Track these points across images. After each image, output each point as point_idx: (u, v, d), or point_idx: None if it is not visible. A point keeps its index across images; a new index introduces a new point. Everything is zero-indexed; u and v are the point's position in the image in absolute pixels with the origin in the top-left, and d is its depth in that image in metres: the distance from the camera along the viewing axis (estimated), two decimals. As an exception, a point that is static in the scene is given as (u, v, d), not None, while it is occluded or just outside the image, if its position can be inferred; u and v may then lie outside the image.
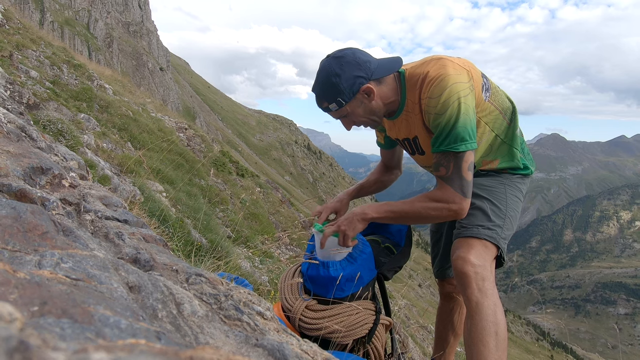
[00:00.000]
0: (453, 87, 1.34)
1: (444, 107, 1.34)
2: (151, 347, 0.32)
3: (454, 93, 1.33)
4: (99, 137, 4.77)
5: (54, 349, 0.30)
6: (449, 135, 1.36)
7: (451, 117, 1.34)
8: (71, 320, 0.37)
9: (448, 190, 1.39)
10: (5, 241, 0.56)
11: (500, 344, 1.32)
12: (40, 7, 39.95)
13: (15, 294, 0.39)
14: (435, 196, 1.42)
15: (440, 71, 1.37)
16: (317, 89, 1.46)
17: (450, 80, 1.34)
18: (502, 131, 1.54)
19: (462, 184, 1.37)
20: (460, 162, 1.37)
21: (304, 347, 0.83)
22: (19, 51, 6.03)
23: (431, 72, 1.38)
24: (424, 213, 1.43)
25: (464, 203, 1.39)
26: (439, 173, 1.41)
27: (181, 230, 3.15)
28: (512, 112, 1.55)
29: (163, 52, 58.51)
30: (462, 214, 1.41)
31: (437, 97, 1.35)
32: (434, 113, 1.37)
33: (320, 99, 1.46)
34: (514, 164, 1.60)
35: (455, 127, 1.34)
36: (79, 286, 0.49)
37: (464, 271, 1.37)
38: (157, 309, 0.59)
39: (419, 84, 1.42)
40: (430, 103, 1.38)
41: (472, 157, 1.39)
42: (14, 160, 0.88)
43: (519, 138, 1.59)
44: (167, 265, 0.84)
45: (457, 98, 1.33)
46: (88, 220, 0.91)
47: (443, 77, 1.35)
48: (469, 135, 1.36)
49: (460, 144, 1.35)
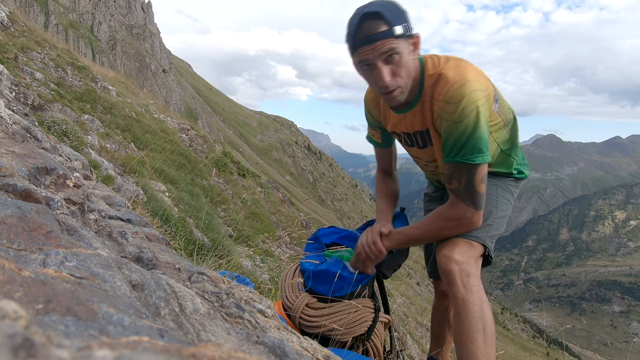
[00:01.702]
0: (472, 95, 1.25)
1: (462, 116, 1.26)
2: (154, 345, 0.32)
3: (472, 101, 1.25)
4: (102, 137, 4.77)
5: (59, 346, 0.30)
6: (465, 146, 1.28)
7: (468, 127, 1.26)
8: (75, 318, 0.37)
9: (459, 207, 1.34)
10: (10, 240, 0.56)
11: (488, 340, 1.31)
12: (45, 10, 39.97)
13: (21, 292, 0.39)
14: (447, 215, 1.38)
15: (460, 76, 1.28)
16: (377, 6, 1.22)
17: (471, 87, 1.26)
18: (503, 142, 1.50)
19: (473, 197, 1.32)
20: (473, 175, 1.30)
21: (304, 344, 0.83)
22: (24, 53, 6.03)
23: (450, 74, 1.29)
24: (437, 235, 1.44)
25: (475, 216, 1.35)
26: (451, 186, 1.35)
27: (183, 230, 3.15)
28: (513, 123, 1.51)
29: (166, 54, 58.52)
30: (475, 226, 1.38)
31: (456, 102, 1.26)
32: (450, 120, 1.29)
33: (380, 17, 1.21)
34: (508, 170, 1.58)
35: (471, 138, 1.27)
36: (83, 284, 0.49)
37: (448, 269, 1.35)
38: (159, 306, 0.59)
39: (434, 82, 1.32)
40: (446, 108, 1.29)
41: (486, 169, 1.32)
42: (19, 160, 0.88)
43: (517, 148, 1.56)
44: (169, 263, 0.84)
45: (476, 107, 1.25)
46: (92, 219, 0.91)
47: (464, 82, 1.26)
48: (485, 146, 1.28)
49: (477, 156, 1.28)
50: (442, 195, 1.78)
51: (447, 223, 1.38)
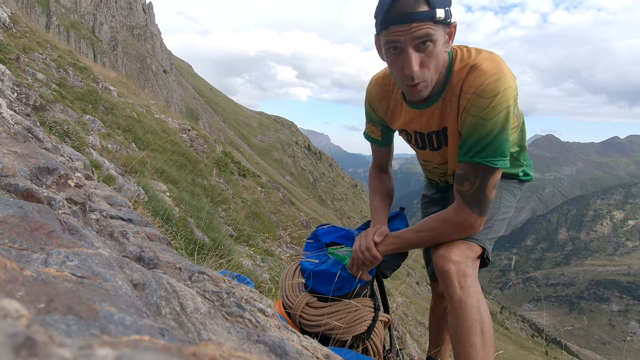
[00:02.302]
0: (506, 92, 1.15)
1: (492, 113, 1.15)
2: (155, 344, 0.32)
3: (505, 99, 1.15)
4: (104, 138, 4.77)
5: (60, 345, 0.30)
6: (489, 146, 1.19)
7: (496, 126, 1.16)
8: (77, 317, 0.37)
9: (465, 212, 1.28)
10: (12, 240, 0.56)
11: (487, 341, 1.26)
12: (47, 11, 39.96)
13: (22, 291, 0.39)
14: (451, 221, 1.32)
15: (496, 69, 1.16)
16: None
17: (506, 82, 1.15)
18: (514, 144, 1.45)
19: (481, 203, 1.26)
20: (488, 179, 1.22)
21: (304, 343, 0.83)
22: (25, 54, 6.03)
23: (485, 65, 1.17)
24: (437, 240, 1.38)
25: (477, 221, 1.29)
26: (462, 188, 1.26)
27: (184, 229, 3.15)
28: (522, 125, 1.45)
29: (167, 55, 58.50)
30: (476, 231, 1.33)
31: (489, 97, 1.15)
32: (477, 115, 1.17)
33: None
34: (514, 172, 1.54)
35: (497, 139, 1.18)
36: (84, 284, 0.49)
37: (445, 269, 1.30)
38: (160, 306, 0.59)
39: (465, 74, 1.20)
40: (477, 102, 1.17)
41: (499, 175, 1.25)
42: (21, 160, 0.88)
43: (526, 151, 1.52)
44: (170, 263, 0.84)
45: (507, 107, 1.15)
46: (93, 219, 0.91)
47: (499, 76, 1.15)
48: (508, 150, 1.20)
49: (499, 159, 1.19)
50: (443, 197, 1.75)
51: (450, 228, 1.33)
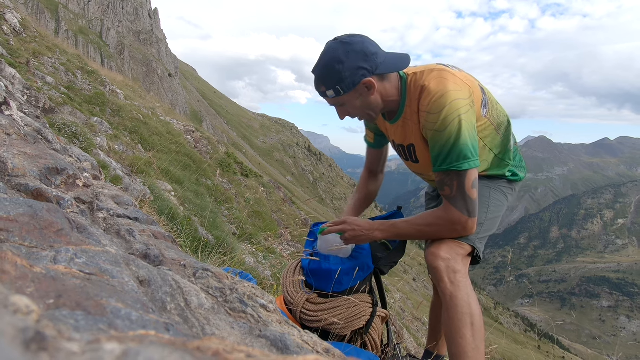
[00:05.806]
0: (453, 104, 1.26)
1: (444, 125, 1.26)
2: (160, 338, 0.32)
3: (454, 110, 1.26)
4: (111, 139, 4.77)
5: (69, 339, 0.30)
6: (450, 154, 1.28)
7: (451, 135, 1.27)
8: (85, 313, 0.37)
9: (452, 211, 1.33)
10: (22, 238, 0.56)
11: (477, 334, 1.30)
12: (56, 17, 39.95)
13: (32, 287, 0.39)
14: (440, 217, 1.36)
15: (441, 86, 1.29)
16: (317, 71, 1.32)
17: (451, 96, 1.26)
18: (496, 146, 1.48)
19: (466, 203, 1.31)
20: (463, 181, 1.30)
21: (304, 337, 0.83)
22: (35, 58, 6.03)
23: (432, 85, 1.30)
24: (430, 234, 1.41)
25: (469, 222, 1.33)
26: (443, 192, 1.34)
27: (189, 228, 3.15)
28: (507, 127, 1.48)
29: (172, 59, 58.49)
30: (469, 232, 1.36)
31: (437, 113, 1.27)
32: (433, 130, 1.30)
33: (319, 82, 1.33)
34: (501, 172, 1.55)
35: (456, 145, 1.27)
36: (92, 280, 0.49)
37: (434, 265, 1.34)
38: (166, 301, 0.59)
39: (418, 95, 1.34)
40: (429, 118, 1.30)
41: (475, 174, 1.32)
42: (31, 161, 0.88)
43: (511, 152, 1.53)
44: (175, 260, 0.84)
45: (458, 115, 1.26)
46: (101, 218, 0.91)
47: (443, 93, 1.27)
48: (471, 152, 1.28)
49: (463, 162, 1.28)
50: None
51: (440, 222, 1.36)
